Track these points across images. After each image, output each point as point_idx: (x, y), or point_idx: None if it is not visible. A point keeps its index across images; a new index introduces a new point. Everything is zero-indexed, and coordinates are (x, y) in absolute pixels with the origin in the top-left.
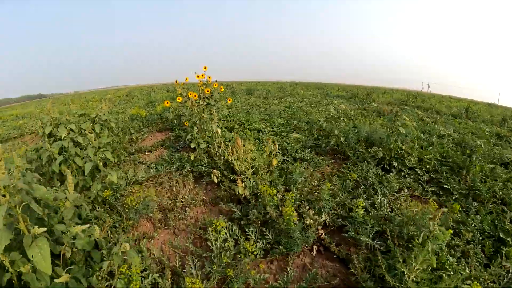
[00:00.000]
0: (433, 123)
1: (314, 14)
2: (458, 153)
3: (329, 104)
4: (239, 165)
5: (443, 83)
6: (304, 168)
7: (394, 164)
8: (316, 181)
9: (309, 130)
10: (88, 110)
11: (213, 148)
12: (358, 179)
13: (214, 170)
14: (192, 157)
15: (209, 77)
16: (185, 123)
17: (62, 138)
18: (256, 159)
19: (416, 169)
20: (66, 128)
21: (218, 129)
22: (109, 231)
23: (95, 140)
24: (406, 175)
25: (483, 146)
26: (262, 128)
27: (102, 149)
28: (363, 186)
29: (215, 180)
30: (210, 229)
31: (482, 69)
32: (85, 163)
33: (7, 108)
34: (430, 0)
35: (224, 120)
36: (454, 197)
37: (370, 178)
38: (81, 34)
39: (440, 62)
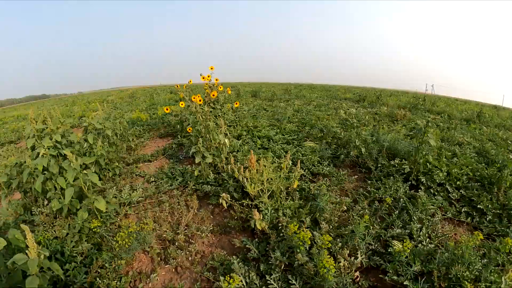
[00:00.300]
0: (452, 130)
1: (314, 14)
2: (482, 164)
3: (339, 108)
4: (253, 187)
5: (444, 84)
6: (325, 185)
7: (422, 179)
8: (345, 206)
9: (323, 138)
10: (87, 113)
11: (220, 160)
12: (384, 198)
13: (223, 194)
14: (196, 173)
15: (216, 79)
16: (188, 129)
17: (41, 155)
18: (273, 180)
19: (446, 186)
20: (51, 140)
21: (226, 140)
22: (98, 271)
23: (76, 159)
24: (436, 193)
25: None
26: (272, 135)
27: (91, 168)
28: (396, 211)
29: (224, 204)
30: (222, 279)
31: (482, 70)
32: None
33: (10, 109)
34: (428, 0)
35: (230, 126)
36: (487, 218)
37: (401, 199)
38: (84, 35)
39: (440, 63)
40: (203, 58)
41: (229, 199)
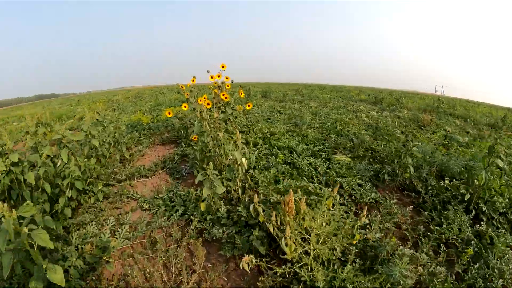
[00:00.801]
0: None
1: (314, 14)
2: None
3: (358, 111)
4: (293, 250)
5: (445, 84)
6: (381, 229)
7: (483, 208)
8: (421, 268)
9: (354, 149)
10: (88, 114)
11: (234, 185)
12: (451, 239)
13: (246, 257)
14: (202, 207)
15: (227, 78)
16: (193, 138)
17: None
18: (321, 233)
19: (509, 215)
20: (4, 162)
21: (244, 159)
22: None
23: (11, 211)
24: (499, 225)
25: None
26: (294, 145)
27: (67, 193)
28: (476, 265)
29: (247, 268)
30: None
31: (481, 70)
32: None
33: (17, 108)
34: (428, 0)
35: (242, 132)
36: None
37: (472, 241)
38: (84, 35)
39: (440, 63)
40: (203, 58)
41: (254, 260)
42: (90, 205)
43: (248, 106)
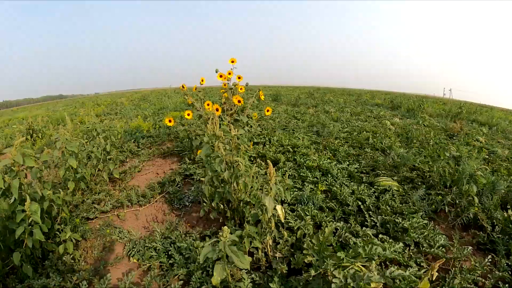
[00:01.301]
0: None
1: (314, 14)
2: None
3: (381, 118)
4: None
5: (451, 85)
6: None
7: None
8: None
9: (397, 169)
10: (87, 118)
11: (259, 241)
12: None
13: None
14: (214, 282)
15: (239, 77)
16: (198, 152)
17: None
18: None
19: None
20: None
21: (279, 208)
22: None
23: None
24: None
25: None
26: (326, 164)
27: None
28: None
29: None
30: None
31: (480, 70)
32: None
33: (22, 109)
34: (428, 0)
35: (257, 143)
36: None
37: None
38: (84, 35)
39: (440, 63)
40: (203, 58)
41: None
42: (58, 256)
43: (267, 111)
